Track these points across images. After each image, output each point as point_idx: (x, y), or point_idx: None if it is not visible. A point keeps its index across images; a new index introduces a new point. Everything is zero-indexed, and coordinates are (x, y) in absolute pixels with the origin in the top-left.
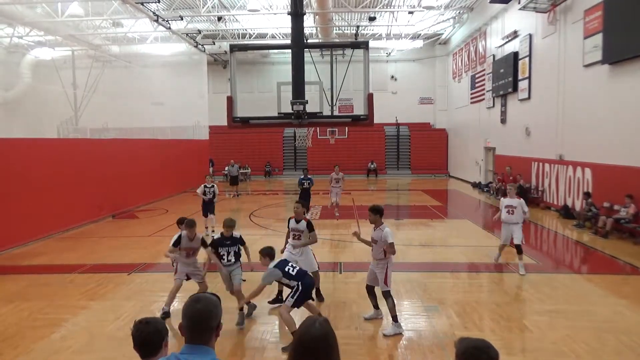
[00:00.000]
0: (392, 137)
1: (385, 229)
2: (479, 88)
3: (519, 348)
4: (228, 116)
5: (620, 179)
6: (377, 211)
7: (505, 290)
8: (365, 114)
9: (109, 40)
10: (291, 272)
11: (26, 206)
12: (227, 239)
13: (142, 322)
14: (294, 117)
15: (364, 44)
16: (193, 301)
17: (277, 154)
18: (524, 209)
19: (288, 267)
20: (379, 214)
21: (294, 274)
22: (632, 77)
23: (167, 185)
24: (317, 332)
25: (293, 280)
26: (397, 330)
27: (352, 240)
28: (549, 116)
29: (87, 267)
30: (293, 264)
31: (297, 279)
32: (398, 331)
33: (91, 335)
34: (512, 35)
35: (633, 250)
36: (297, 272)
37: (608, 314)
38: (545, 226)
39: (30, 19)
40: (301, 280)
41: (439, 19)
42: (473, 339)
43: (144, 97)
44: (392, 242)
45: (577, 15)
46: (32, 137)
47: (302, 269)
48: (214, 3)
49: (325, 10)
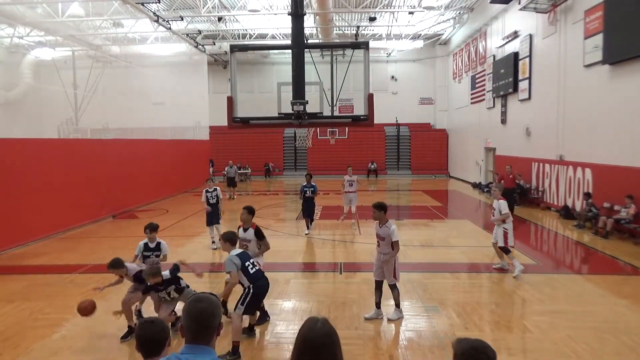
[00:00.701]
0: (392, 138)
1: (391, 227)
2: (479, 88)
3: (519, 348)
4: (228, 116)
5: (621, 179)
6: (381, 208)
7: (506, 291)
8: (365, 115)
9: (110, 41)
10: (249, 270)
11: (26, 206)
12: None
13: (147, 321)
14: (294, 117)
15: (364, 44)
16: (195, 301)
17: (277, 154)
18: (501, 211)
19: (248, 263)
20: (383, 210)
21: (251, 273)
22: (633, 78)
23: (167, 185)
24: (321, 331)
25: (246, 279)
26: (399, 315)
27: (352, 241)
28: (549, 116)
29: (88, 267)
30: (255, 261)
31: (251, 280)
32: (400, 315)
33: (91, 336)
34: (513, 35)
35: (633, 251)
36: (255, 272)
37: (608, 314)
38: (546, 226)
39: (30, 19)
40: (253, 283)
41: (439, 20)
42: (471, 340)
43: (144, 97)
44: (398, 241)
45: (578, 15)
46: (32, 137)
47: (261, 272)
48: (214, 3)
49: (326, 11)
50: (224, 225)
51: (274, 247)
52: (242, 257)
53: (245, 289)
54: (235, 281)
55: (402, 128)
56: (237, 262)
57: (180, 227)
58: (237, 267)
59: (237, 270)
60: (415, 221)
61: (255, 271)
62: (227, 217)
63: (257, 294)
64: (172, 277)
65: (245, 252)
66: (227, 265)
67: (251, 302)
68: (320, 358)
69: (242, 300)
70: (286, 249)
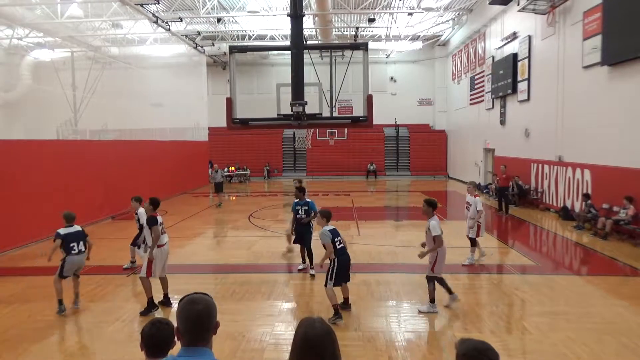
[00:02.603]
0: (391, 139)
1: (430, 222)
2: (478, 89)
3: (519, 350)
4: (227, 117)
5: (620, 180)
6: (430, 204)
7: (505, 292)
8: (364, 115)
9: (109, 42)
10: (336, 245)
11: (25, 208)
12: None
13: (162, 322)
14: (294, 118)
15: (364, 46)
16: (191, 303)
17: (276, 155)
18: (477, 207)
19: (337, 239)
20: (431, 206)
21: (338, 248)
22: (632, 79)
23: (166, 186)
24: (320, 330)
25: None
26: (432, 309)
27: (352, 242)
28: (548, 117)
29: (87, 269)
30: (341, 239)
31: (336, 254)
32: (433, 310)
33: (91, 337)
34: (512, 36)
35: (632, 252)
36: (341, 248)
37: (608, 315)
38: (545, 227)
39: (29, 21)
40: (338, 257)
41: (438, 21)
42: (473, 341)
43: (143, 98)
44: (437, 235)
45: (576, 16)
46: (31, 138)
47: (344, 248)
48: (213, 4)
49: (325, 12)
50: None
51: (274, 247)
52: (333, 233)
53: (331, 262)
54: (331, 249)
55: (401, 129)
56: (329, 235)
57: (179, 228)
58: (329, 238)
59: (329, 241)
60: (414, 222)
61: (341, 247)
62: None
63: (341, 267)
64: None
65: (336, 230)
66: (322, 237)
67: (338, 273)
68: (322, 355)
69: (330, 274)
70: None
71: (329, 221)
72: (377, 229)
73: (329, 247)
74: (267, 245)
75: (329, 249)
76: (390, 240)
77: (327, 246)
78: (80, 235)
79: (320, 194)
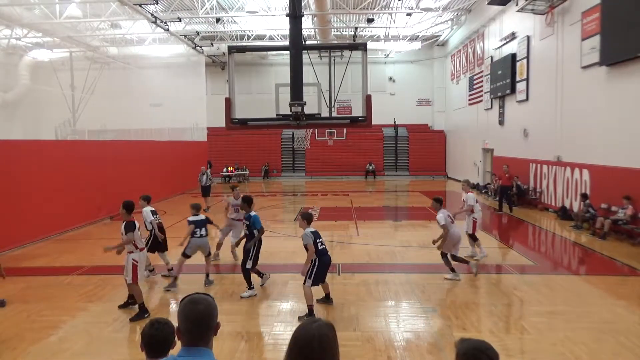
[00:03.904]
0: (390, 139)
1: (437, 216)
2: (477, 89)
3: (517, 350)
4: (226, 117)
5: (618, 180)
6: (436, 200)
7: (504, 292)
8: (363, 116)
9: (107, 42)
10: (318, 246)
11: (24, 208)
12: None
13: (162, 322)
14: (293, 118)
15: (362, 46)
16: (192, 303)
17: (275, 155)
18: (468, 201)
19: (319, 240)
20: (438, 202)
21: (319, 249)
22: (630, 79)
23: (165, 186)
24: (312, 333)
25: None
26: (454, 277)
27: (351, 242)
28: (547, 117)
29: (86, 269)
30: (322, 240)
31: (317, 254)
32: (455, 277)
33: (90, 338)
34: (510, 37)
35: (631, 252)
36: (322, 249)
37: (606, 315)
38: (543, 227)
39: (28, 21)
40: (319, 257)
41: (437, 21)
42: (473, 340)
43: (142, 98)
44: (443, 225)
45: (575, 17)
46: (30, 138)
47: (326, 249)
48: (212, 5)
49: (324, 12)
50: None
51: (273, 248)
52: (315, 235)
53: (312, 263)
54: (312, 250)
55: (400, 129)
56: (311, 237)
57: (179, 228)
58: (311, 239)
59: (311, 242)
60: (413, 222)
61: (322, 248)
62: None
63: (322, 267)
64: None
65: (317, 232)
66: (304, 238)
67: (317, 273)
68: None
69: (310, 273)
70: (284, 250)
71: (309, 224)
72: (376, 229)
73: (310, 247)
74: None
75: (310, 249)
76: (389, 240)
77: (309, 247)
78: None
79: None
